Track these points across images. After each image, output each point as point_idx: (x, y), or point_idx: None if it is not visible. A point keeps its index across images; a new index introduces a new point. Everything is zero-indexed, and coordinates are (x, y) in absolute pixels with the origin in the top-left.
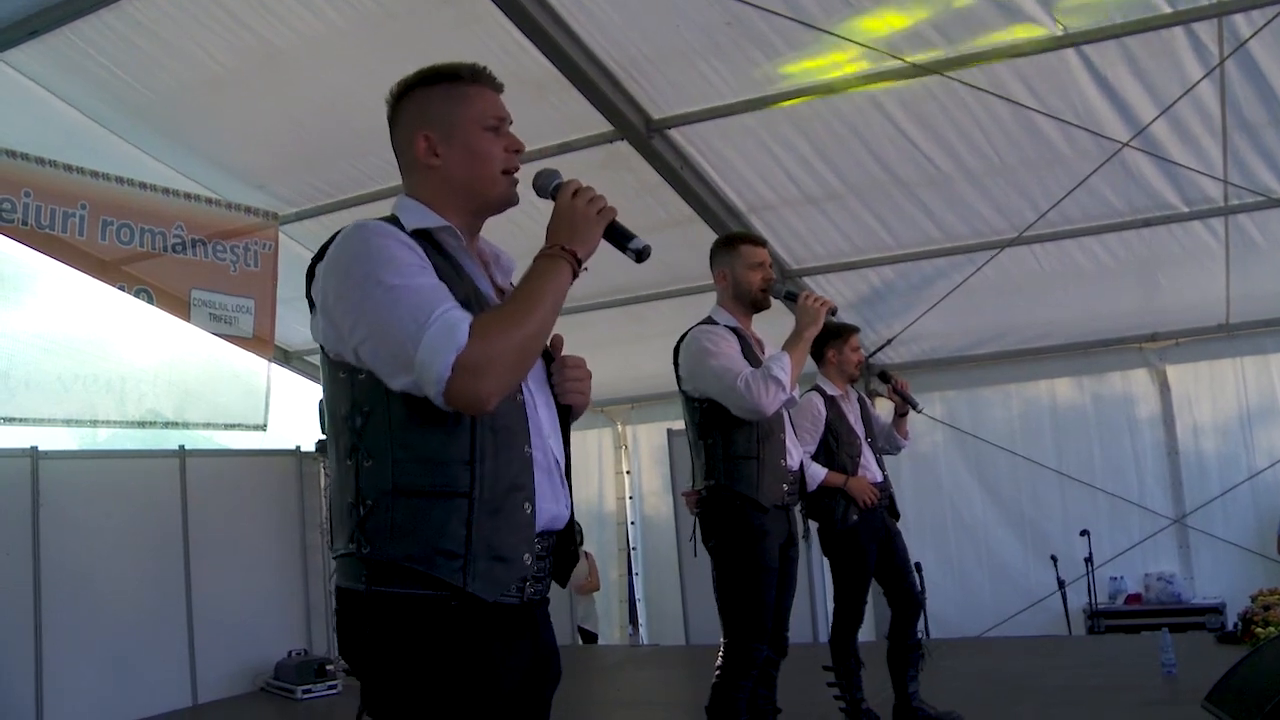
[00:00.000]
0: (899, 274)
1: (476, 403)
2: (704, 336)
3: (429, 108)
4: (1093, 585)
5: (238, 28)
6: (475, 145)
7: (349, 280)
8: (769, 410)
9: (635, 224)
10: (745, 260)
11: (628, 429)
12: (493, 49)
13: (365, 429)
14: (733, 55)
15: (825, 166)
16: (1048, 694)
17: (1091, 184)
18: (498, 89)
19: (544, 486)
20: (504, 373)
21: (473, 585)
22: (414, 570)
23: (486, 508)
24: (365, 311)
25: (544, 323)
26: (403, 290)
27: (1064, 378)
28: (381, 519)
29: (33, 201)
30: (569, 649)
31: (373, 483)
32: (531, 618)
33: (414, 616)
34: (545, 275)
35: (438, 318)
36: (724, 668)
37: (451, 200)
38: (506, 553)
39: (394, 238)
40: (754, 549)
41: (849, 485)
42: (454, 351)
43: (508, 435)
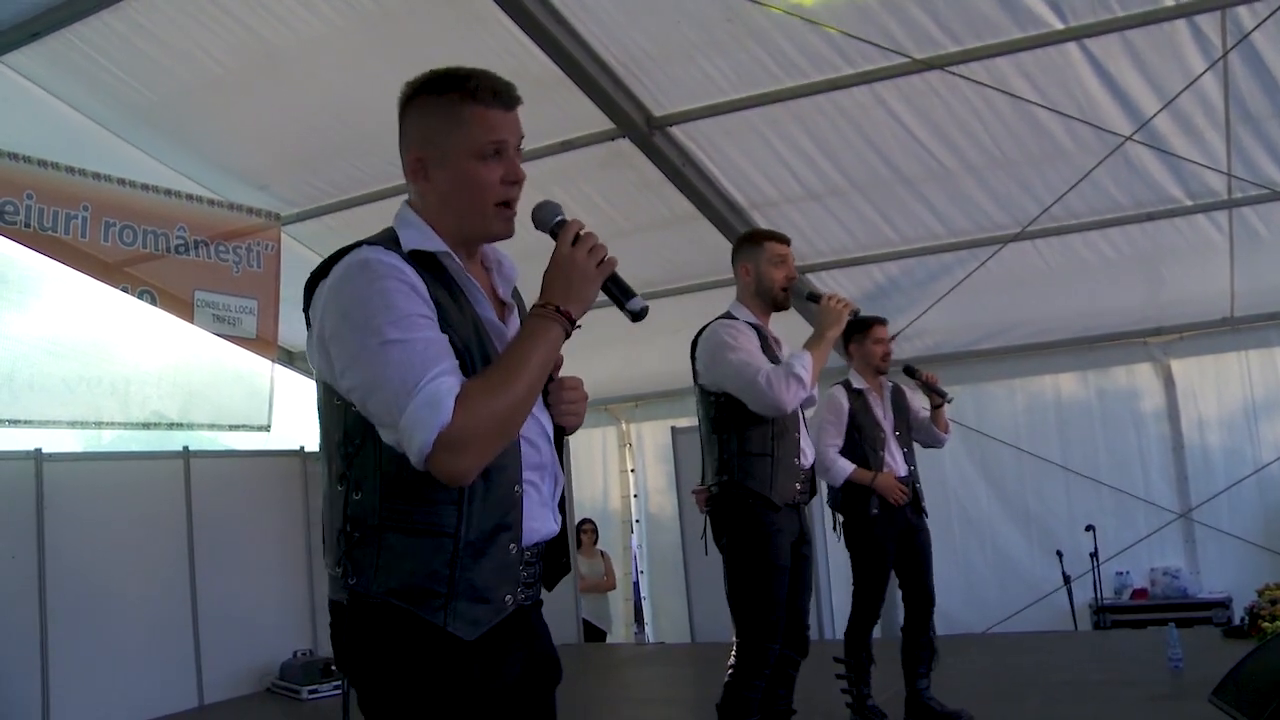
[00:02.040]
0: (903, 270)
1: (457, 476)
2: (724, 330)
3: (427, 124)
4: (1098, 580)
5: (238, 29)
6: (467, 175)
7: (347, 323)
8: (788, 407)
9: (637, 221)
10: (770, 257)
11: (631, 427)
12: (494, 48)
13: (355, 459)
14: (734, 51)
15: (828, 162)
16: (1054, 689)
17: (1095, 178)
18: (508, 105)
19: (533, 510)
20: (485, 447)
21: (452, 625)
22: (396, 607)
23: (471, 549)
24: (358, 361)
25: (530, 389)
26: (396, 347)
27: (1068, 372)
28: (368, 552)
29: (35, 204)
30: (573, 647)
31: (360, 515)
32: (526, 622)
33: (402, 626)
34: (535, 338)
35: (425, 385)
36: (737, 666)
37: (446, 221)
38: (489, 594)
39: (397, 277)
40: (766, 547)
41: (876, 483)
42: (436, 429)
43: (499, 474)
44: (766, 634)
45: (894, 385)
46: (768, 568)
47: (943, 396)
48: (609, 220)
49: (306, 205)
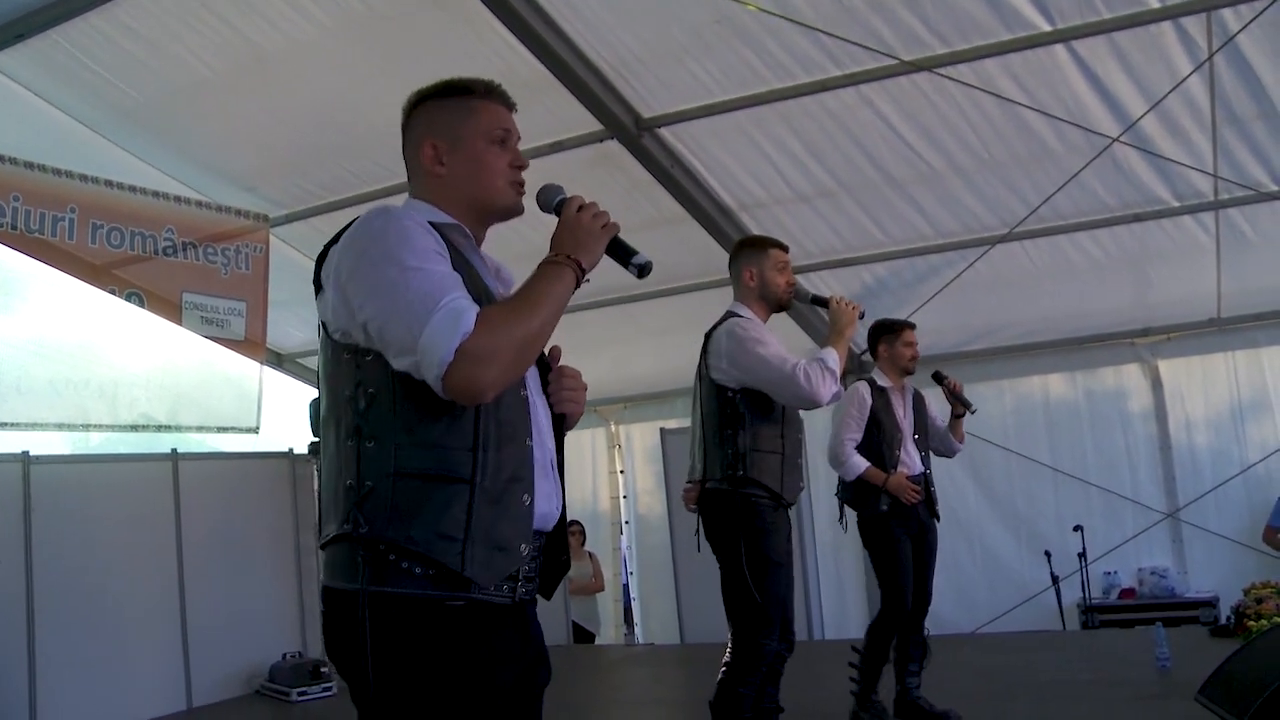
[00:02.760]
0: (891, 271)
1: (475, 391)
2: (750, 327)
3: (438, 118)
4: (1086, 580)
5: (226, 31)
6: (480, 156)
7: (365, 258)
8: (824, 400)
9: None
10: (774, 263)
11: (621, 428)
12: (483, 50)
13: (369, 411)
14: (722, 53)
15: (816, 164)
16: (1042, 689)
17: (1082, 179)
18: (509, 106)
19: (540, 483)
20: (505, 365)
21: (470, 570)
22: (411, 552)
23: (487, 496)
24: (377, 288)
25: (546, 323)
26: (416, 273)
27: (1056, 373)
28: (382, 500)
29: (22, 206)
30: (563, 648)
31: (374, 465)
32: (524, 617)
33: (410, 617)
34: (550, 279)
35: (446, 304)
36: (732, 663)
37: (457, 207)
38: (504, 542)
39: (416, 222)
40: (763, 543)
41: (888, 484)
42: (459, 337)
43: (510, 428)
44: (764, 631)
45: (915, 390)
46: (770, 564)
47: (966, 406)
48: None
49: (295, 207)
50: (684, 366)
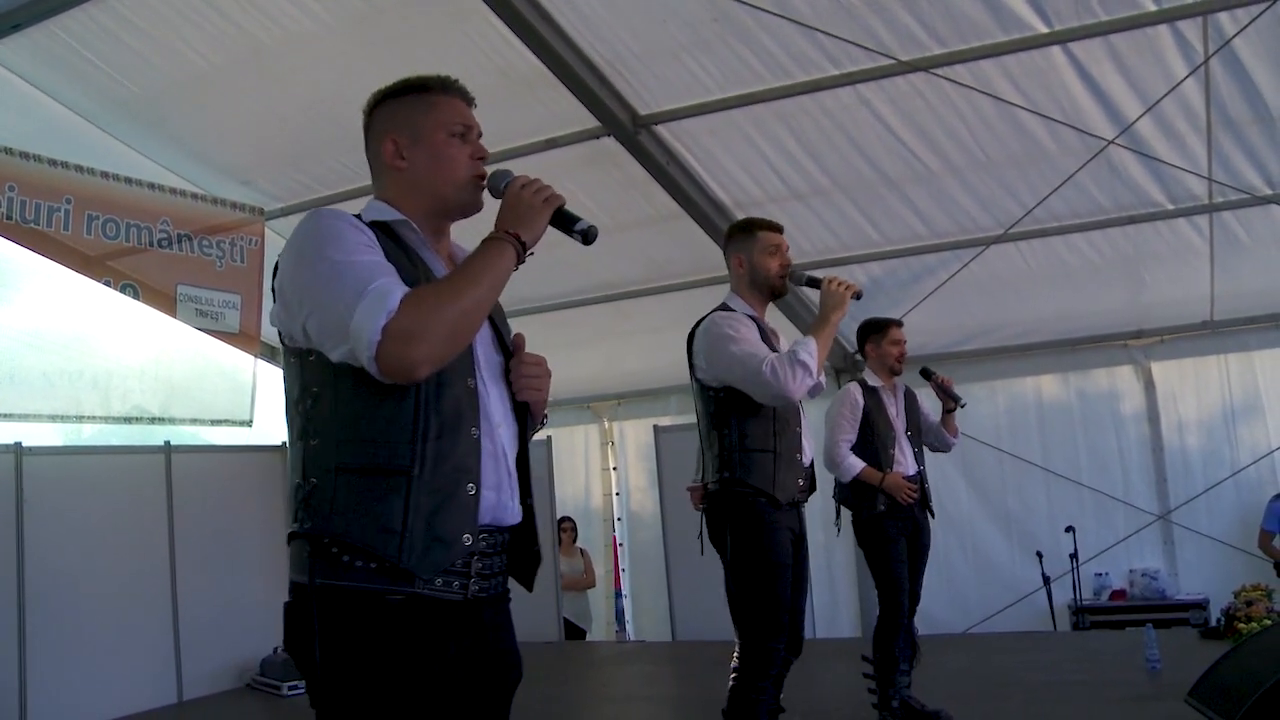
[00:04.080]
0: (886, 270)
1: (406, 369)
2: (724, 322)
3: (398, 114)
4: (1077, 581)
5: (224, 23)
6: (440, 149)
7: (298, 259)
8: (796, 396)
9: (622, 220)
10: (763, 246)
11: (614, 425)
12: (480, 45)
13: (313, 410)
14: (719, 51)
15: (812, 163)
16: (1033, 690)
17: (1077, 181)
18: (468, 100)
19: (489, 475)
20: (435, 343)
21: (408, 561)
22: (353, 546)
23: (427, 487)
24: (309, 285)
25: (481, 299)
26: (345, 264)
27: (1050, 374)
28: (324, 496)
29: (17, 196)
30: (554, 645)
31: (317, 462)
32: (478, 617)
33: (351, 611)
34: (487, 255)
35: (373, 288)
36: (741, 669)
37: (417, 201)
38: (445, 533)
39: (343, 220)
40: (768, 545)
41: (885, 483)
42: (384, 316)
43: (454, 418)
44: (771, 634)
45: (907, 387)
46: (770, 567)
47: (956, 401)
48: (593, 218)
49: (290, 200)
50: (677, 364)
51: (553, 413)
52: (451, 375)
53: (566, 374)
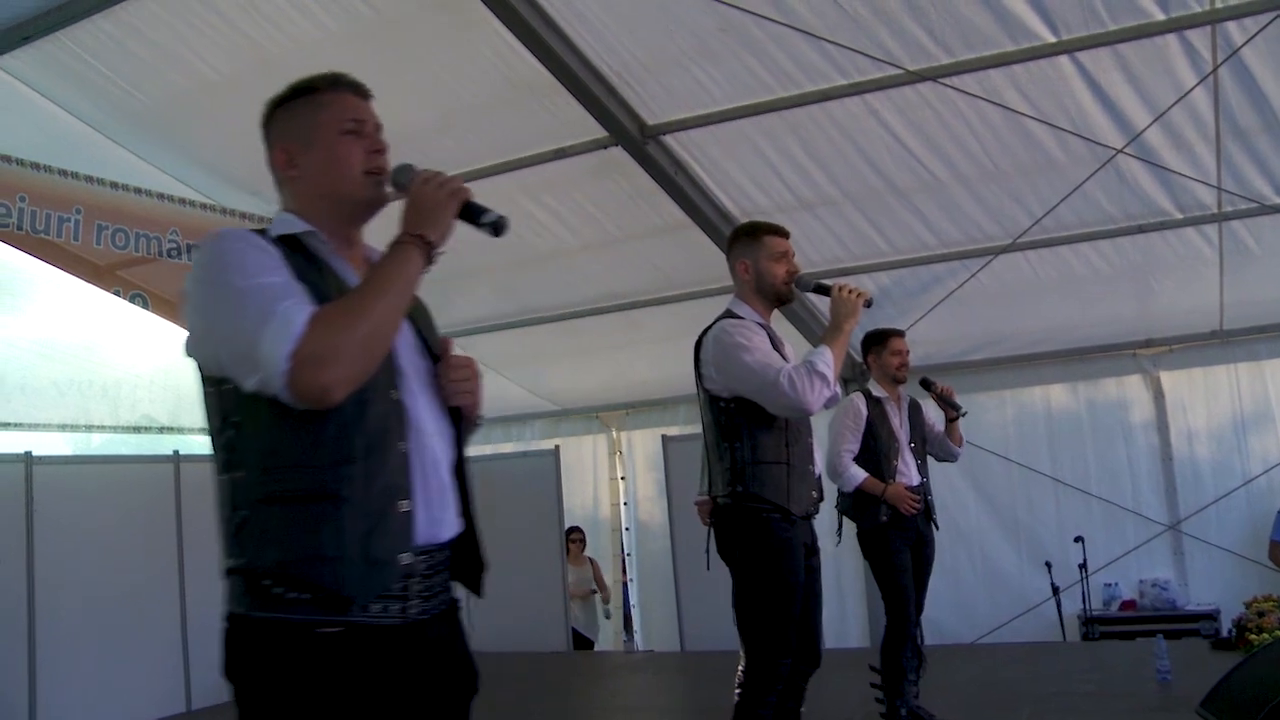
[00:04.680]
0: (894, 280)
1: (320, 395)
2: (735, 331)
3: (288, 121)
4: (1087, 592)
5: (232, 33)
6: (332, 149)
7: (203, 287)
8: (814, 408)
9: (630, 230)
10: (769, 251)
11: (622, 435)
12: (487, 54)
13: (235, 440)
14: (727, 61)
15: (820, 172)
16: (1042, 700)
17: (1086, 190)
18: (362, 94)
19: (422, 490)
20: (346, 363)
21: (348, 588)
22: (288, 577)
23: (359, 510)
24: (216, 315)
25: (391, 310)
26: (248, 290)
27: (1059, 384)
28: (254, 529)
29: (28, 206)
30: (562, 655)
31: (245, 494)
32: (422, 636)
33: (288, 644)
34: (392, 262)
35: (278, 312)
36: (746, 685)
37: (318, 207)
38: (380, 555)
39: (246, 241)
40: (781, 563)
41: (887, 494)
42: (290, 342)
43: (380, 435)
44: (777, 651)
45: (911, 398)
46: (782, 585)
47: (957, 410)
48: (601, 228)
49: None
50: (686, 374)
51: (562, 422)
52: (372, 390)
53: (575, 383)
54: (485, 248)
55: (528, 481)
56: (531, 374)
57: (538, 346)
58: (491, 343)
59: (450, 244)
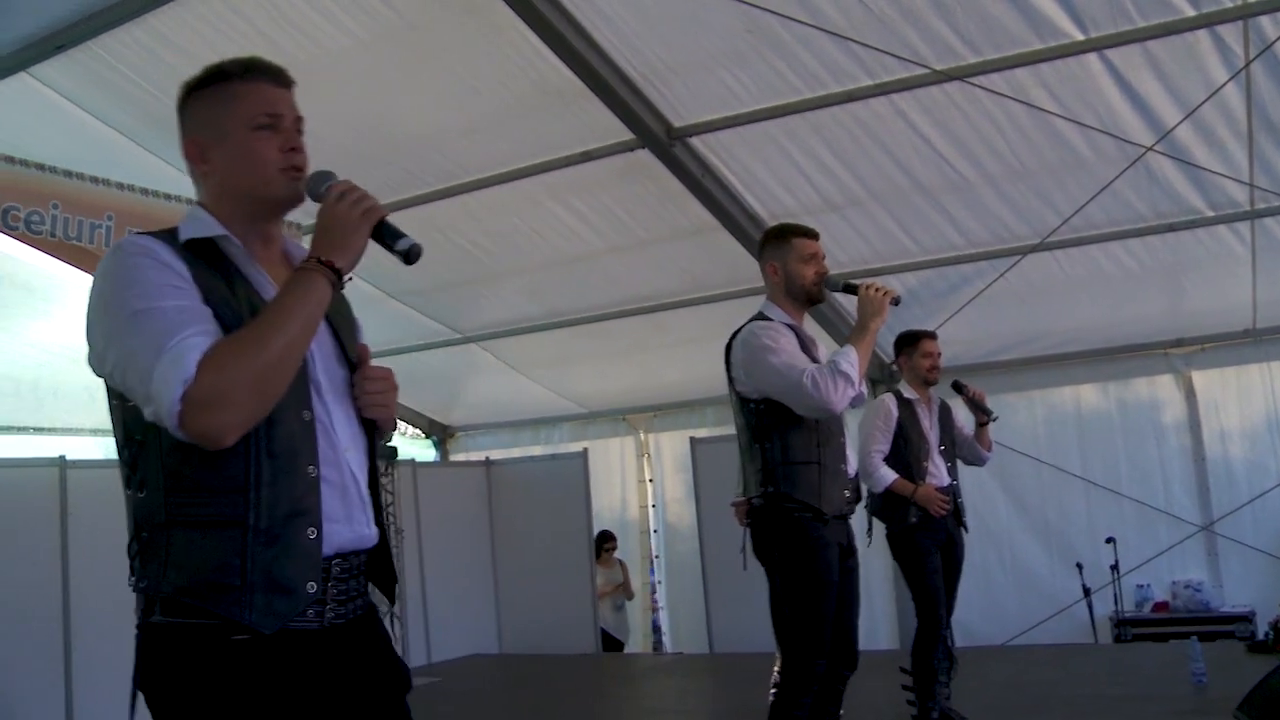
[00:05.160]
0: (921, 281)
1: (212, 438)
2: (762, 333)
3: (200, 110)
4: (1119, 593)
5: (260, 40)
6: (244, 147)
7: (98, 303)
8: (838, 408)
9: (657, 232)
10: (798, 253)
11: (650, 437)
12: (514, 58)
13: (138, 459)
14: (753, 62)
15: (847, 173)
16: (1075, 703)
17: (1115, 188)
18: (281, 83)
19: (335, 508)
20: (238, 407)
21: (250, 618)
22: (189, 606)
23: (263, 536)
24: (112, 338)
25: (291, 345)
26: (144, 315)
27: (1089, 384)
28: (156, 552)
29: (60, 213)
30: (591, 657)
31: (146, 514)
32: (341, 640)
33: (197, 648)
34: (294, 292)
35: (171, 347)
36: (782, 685)
37: (230, 206)
38: (287, 582)
39: (147, 255)
40: (815, 562)
41: (917, 495)
42: (180, 385)
43: (288, 458)
44: (813, 651)
45: (942, 401)
46: (817, 584)
47: (988, 415)
48: (628, 231)
49: None
50: (714, 375)
51: (589, 424)
52: (282, 411)
53: (602, 386)
54: (515, 250)
55: (556, 484)
56: (559, 376)
57: (565, 349)
58: (519, 345)
59: (478, 248)
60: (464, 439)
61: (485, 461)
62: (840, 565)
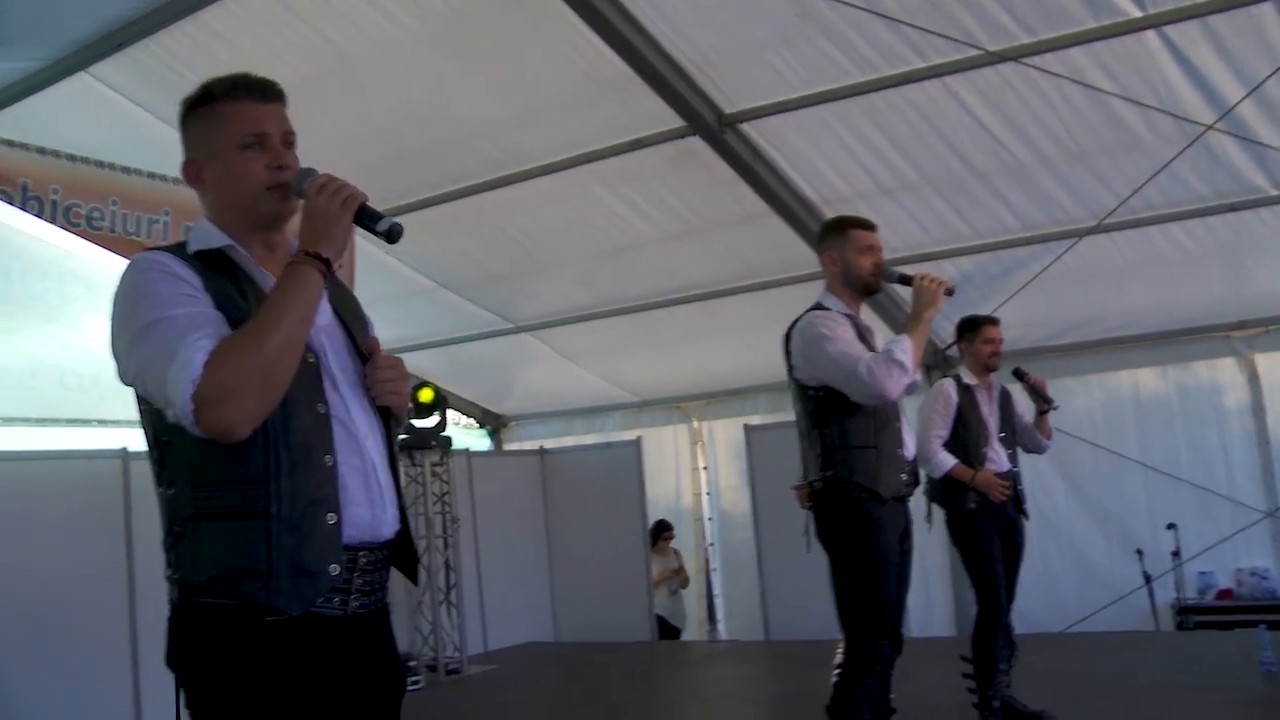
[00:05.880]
0: (976, 265)
1: (225, 432)
2: (819, 322)
3: (194, 133)
4: (1180, 580)
5: (312, 35)
6: (231, 167)
7: (119, 318)
8: (892, 395)
9: (709, 219)
10: (856, 244)
11: (704, 425)
12: (564, 48)
13: (166, 458)
14: (804, 47)
15: (900, 157)
16: (1139, 692)
17: (1174, 168)
18: (267, 99)
19: (356, 493)
20: (245, 400)
21: (278, 601)
22: (221, 593)
23: (286, 524)
24: (132, 349)
25: (289, 339)
26: (157, 325)
27: (1147, 367)
28: (188, 545)
29: (119, 209)
30: (646, 645)
31: (176, 509)
32: (360, 631)
33: (226, 627)
34: (288, 287)
35: (181, 351)
36: (846, 666)
37: (230, 219)
38: (311, 566)
39: (159, 269)
40: (872, 542)
41: (976, 481)
42: (190, 385)
43: (305, 450)
44: (875, 631)
45: (1003, 387)
46: (875, 564)
47: (1049, 403)
48: (680, 219)
49: (379, 208)
50: (767, 363)
51: (642, 413)
52: (296, 405)
53: (655, 374)
54: (567, 240)
55: (610, 473)
56: (611, 365)
57: (618, 338)
58: (571, 334)
59: (531, 238)
60: (517, 428)
61: (539, 450)
62: (898, 547)
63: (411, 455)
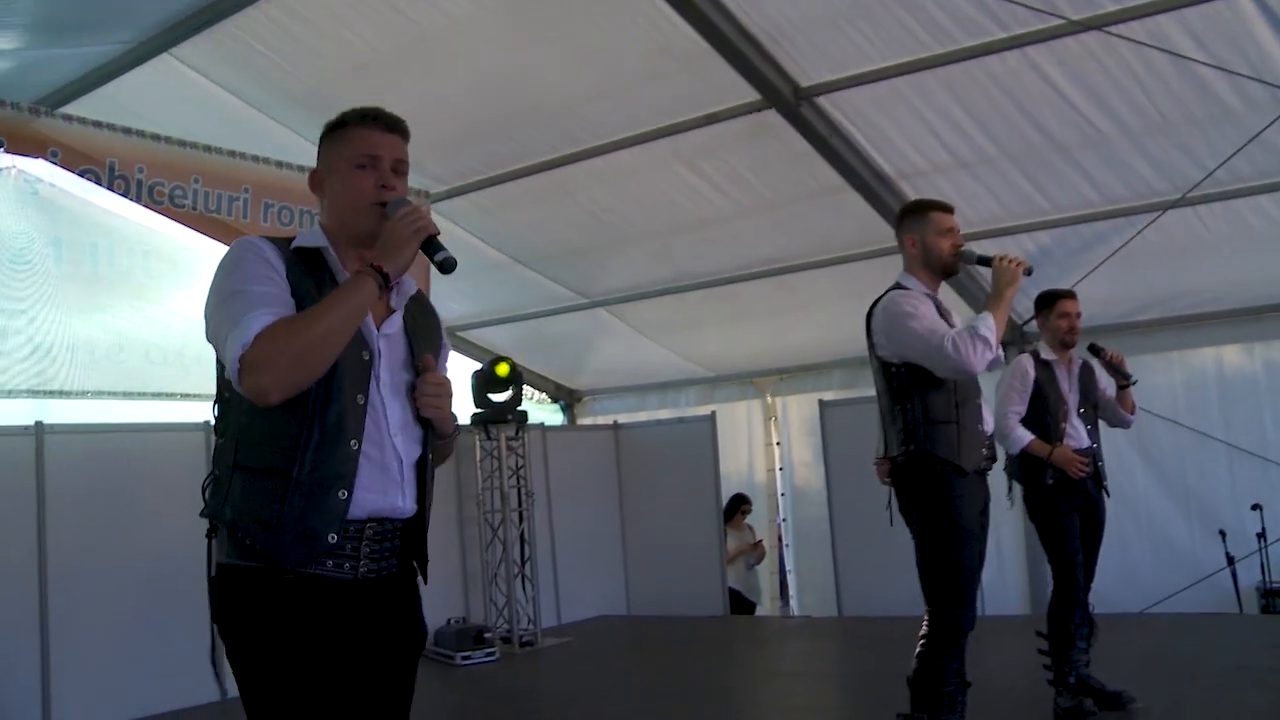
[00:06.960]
0: (1055, 239)
1: (258, 394)
2: (903, 300)
3: (323, 150)
4: (1266, 562)
5: (388, 12)
6: (344, 180)
7: (214, 284)
8: (977, 369)
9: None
10: (936, 227)
11: (777, 400)
12: (639, 22)
13: (223, 413)
14: (881, 18)
15: (978, 130)
16: (1222, 674)
17: (1265, 139)
18: (388, 129)
19: (373, 479)
20: (278, 372)
21: (279, 554)
22: (237, 534)
23: (301, 489)
24: (214, 311)
25: (331, 330)
26: (234, 295)
27: (1232, 344)
28: (223, 488)
29: (201, 187)
30: (719, 619)
31: (221, 457)
32: (371, 593)
33: (255, 586)
34: (344, 289)
35: (244, 320)
36: (930, 636)
37: (335, 227)
38: (312, 531)
39: (254, 250)
40: (954, 512)
41: (1054, 457)
42: (240, 348)
43: (336, 431)
44: (958, 601)
45: (1084, 362)
46: (957, 533)
47: (1127, 379)
48: (755, 193)
49: (455, 183)
50: (842, 338)
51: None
52: (340, 392)
53: (729, 349)
54: (642, 214)
55: (684, 447)
56: (686, 340)
57: (693, 312)
58: (647, 309)
59: (607, 212)
60: (591, 403)
61: (613, 425)
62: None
63: (487, 429)
